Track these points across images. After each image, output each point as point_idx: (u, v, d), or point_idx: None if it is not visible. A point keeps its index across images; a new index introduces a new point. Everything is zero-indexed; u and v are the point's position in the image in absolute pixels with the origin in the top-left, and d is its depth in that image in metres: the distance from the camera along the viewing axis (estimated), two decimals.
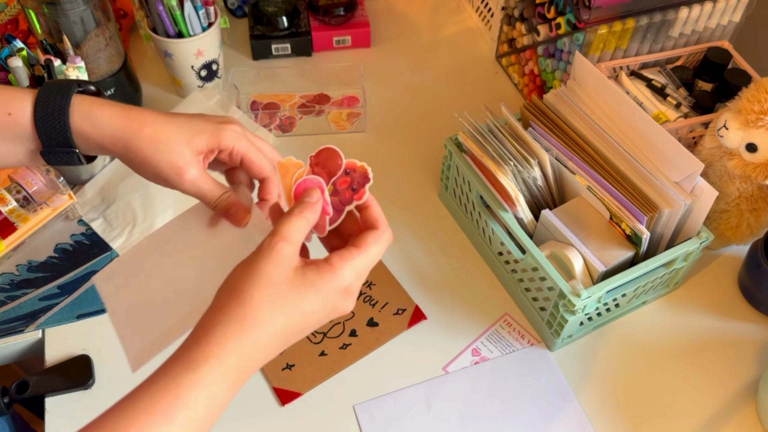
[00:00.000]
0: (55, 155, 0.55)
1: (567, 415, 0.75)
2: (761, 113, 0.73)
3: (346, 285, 0.48)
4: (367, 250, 0.49)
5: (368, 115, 1.04)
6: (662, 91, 0.88)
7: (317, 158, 0.54)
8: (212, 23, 0.99)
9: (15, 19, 1.10)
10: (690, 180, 0.73)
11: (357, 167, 0.53)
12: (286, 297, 0.46)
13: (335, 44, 1.14)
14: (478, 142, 0.80)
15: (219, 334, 0.44)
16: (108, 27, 0.95)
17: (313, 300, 0.47)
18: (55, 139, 0.54)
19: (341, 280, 0.47)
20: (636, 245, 0.75)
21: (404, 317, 0.82)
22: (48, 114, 0.53)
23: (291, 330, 0.47)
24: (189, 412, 0.43)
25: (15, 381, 0.75)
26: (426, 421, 0.75)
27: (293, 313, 0.46)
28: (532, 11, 0.98)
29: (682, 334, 0.82)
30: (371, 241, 0.50)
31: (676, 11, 0.89)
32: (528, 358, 0.80)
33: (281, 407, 0.75)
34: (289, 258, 0.47)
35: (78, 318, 0.81)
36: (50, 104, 0.53)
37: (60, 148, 0.54)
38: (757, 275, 0.81)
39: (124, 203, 0.89)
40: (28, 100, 0.53)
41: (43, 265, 0.86)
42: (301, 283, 0.46)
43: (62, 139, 0.54)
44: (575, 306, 0.72)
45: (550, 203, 0.82)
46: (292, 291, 0.46)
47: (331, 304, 0.48)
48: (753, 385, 0.78)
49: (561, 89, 0.84)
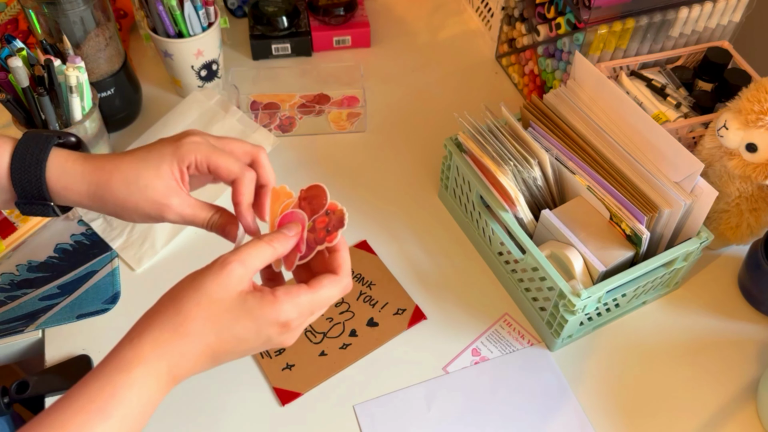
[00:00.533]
0: (30, 207, 0.55)
1: (567, 414, 0.75)
2: (761, 113, 0.73)
3: (284, 320, 0.49)
4: (318, 291, 0.50)
5: (368, 115, 1.04)
6: (662, 91, 0.88)
7: (306, 192, 0.55)
8: (212, 23, 0.99)
9: (15, 19, 1.10)
10: (690, 180, 0.73)
11: (336, 209, 0.54)
12: (221, 317, 0.47)
13: (335, 44, 1.14)
14: (478, 142, 0.80)
15: (152, 338, 0.46)
16: (108, 27, 0.95)
17: (248, 326, 0.48)
18: (30, 192, 0.54)
19: (279, 314, 0.48)
20: (636, 245, 0.75)
21: (404, 317, 0.82)
22: (24, 167, 0.53)
23: (220, 349, 0.48)
24: (124, 409, 0.45)
25: (15, 381, 0.75)
26: (426, 421, 0.75)
27: (225, 334, 0.47)
28: (532, 11, 0.98)
29: (682, 334, 0.82)
30: (325, 284, 0.51)
31: (676, 11, 0.89)
32: (528, 358, 0.80)
33: (281, 407, 0.75)
34: (237, 279, 0.48)
35: (78, 318, 0.81)
36: (27, 157, 0.53)
37: (35, 200, 0.55)
38: (757, 275, 0.81)
39: None
40: (6, 150, 0.54)
41: (43, 265, 0.86)
42: (239, 308, 0.48)
43: (37, 193, 0.54)
44: (575, 306, 0.72)
45: (550, 203, 0.82)
46: (227, 313, 0.47)
47: (265, 335, 0.49)
48: (753, 385, 0.78)
49: (561, 89, 0.84)
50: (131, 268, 0.86)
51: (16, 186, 0.54)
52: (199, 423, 0.74)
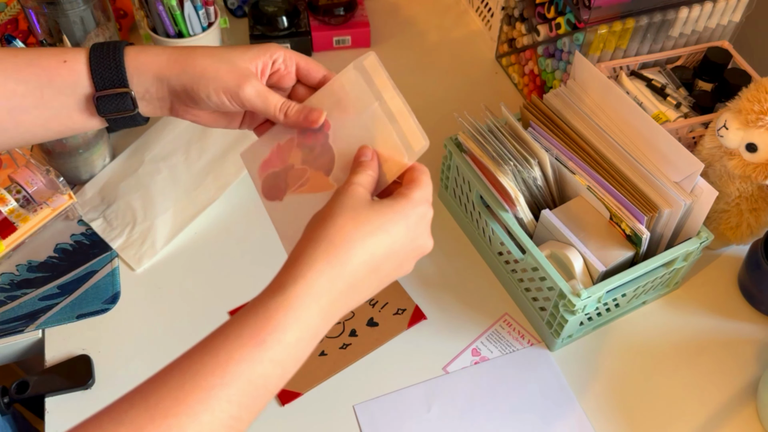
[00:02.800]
0: (109, 101, 0.55)
1: (567, 414, 0.75)
2: (761, 113, 0.73)
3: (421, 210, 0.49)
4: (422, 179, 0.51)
5: None
6: (662, 91, 0.88)
7: None
8: (212, 23, 0.99)
9: (15, 19, 1.10)
10: (690, 180, 0.73)
11: None
12: (369, 218, 0.46)
13: (335, 44, 1.14)
14: (478, 142, 0.80)
15: (307, 256, 0.44)
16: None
17: (395, 221, 0.47)
18: (110, 78, 0.54)
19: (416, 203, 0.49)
20: (636, 245, 0.75)
21: (404, 317, 0.82)
22: (103, 55, 0.54)
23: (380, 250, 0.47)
24: (278, 334, 0.42)
25: (15, 381, 0.75)
26: (426, 421, 0.75)
27: (378, 231, 0.46)
28: (532, 11, 0.98)
29: (682, 334, 0.82)
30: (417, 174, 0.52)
31: (676, 11, 0.89)
32: (528, 358, 0.80)
33: (281, 407, 0.75)
34: (363, 194, 0.48)
35: (78, 318, 0.81)
36: (105, 48, 0.54)
37: (114, 89, 0.54)
38: (757, 275, 0.81)
39: (124, 203, 0.90)
40: (83, 50, 0.55)
41: (43, 265, 0.86)
42: (381, 206, 0.48)
43: (116, 78, 0.54)
44: (575, 306, 0.72)
45: (550, 203, 0.82)
46: (373, 213, 0.47)
47: (412, 231, 0.48)
48: (753, 385, 0.78)
49: (561, 89, 0.84)
50: (131, 268, 0.86)
51: (95, 74, 0.54)
52: None
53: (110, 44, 0.54)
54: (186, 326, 0.81)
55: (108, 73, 0.54)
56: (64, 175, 0.88)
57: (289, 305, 0.42)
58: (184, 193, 0.91)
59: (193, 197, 0.90)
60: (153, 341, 0.80)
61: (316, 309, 0.44)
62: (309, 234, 0.46)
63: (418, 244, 0.50)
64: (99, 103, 0.55)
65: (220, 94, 0.54)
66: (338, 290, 0.45)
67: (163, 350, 0.79)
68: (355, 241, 0.45)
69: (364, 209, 0.47)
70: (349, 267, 0.45)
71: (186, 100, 0.55)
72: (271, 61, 0.55)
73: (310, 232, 0.47)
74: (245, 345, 0.41)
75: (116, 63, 0.54)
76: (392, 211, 0.48)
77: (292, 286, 0.43)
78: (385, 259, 0.47)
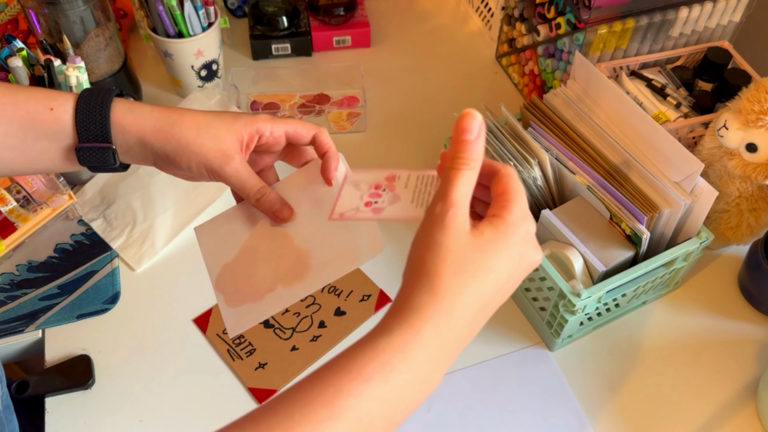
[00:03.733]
0: (91, 152, 0.55)
1: (567, 414, 0.75)
2: (761, 113, 0.73)
3: (523, 231, 0.45)
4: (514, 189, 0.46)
5: (368, 115, 1.04)
6: (662, 91, 0.88)
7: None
8: (212, 23, 0.99)
9: (15, 19, 1.10)
10: (690, 180, 0.73)
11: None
12: (469, 259, 0.44)
13: (335, 44, 1.14)
14: None
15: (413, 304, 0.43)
16: (108, 27, 0.95)
17: (498, 254, 0.44)
18: (93, 132, 0.54)
19: (516, 227, 0.45)
20: (636, 245, 0.75)
21: (370, 302, 0.83)
22: (90, 108, 0.54)
23: (486, 290, 0.44)
24: (384, 374, 0.41)
25: (15, 381, 0.75)
26: (426, 421, 0.75)
27: (480, 273, 0.44)
28: (532, 11, 0.98)
29: (682, 334, 0.82)
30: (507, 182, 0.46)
31: (676, 11, 0.89)
32: (528, 358, 0.80)
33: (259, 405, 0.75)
34: (462, 223, 0.44)
35: (78, 318, 0.81)
36: (93, 100, 0.54)
37: (97, 143, 0.54)
38: (757, 275, 0.81)
39: (124, 203, 0.90)
40: (71, 98, 0.55)
41: (43, 265, 0.86)
42: (481, 242, 0.44)
43: (100, 133, 0.54)
44: (575, 306, 0.72)
45: (550, 203, 0.82)
46: (474, 252, 0.44)
47: (517, 255, 0.45)
48: (753, 385, 0.78)
49: (561, 89, 0.84)
50: (131, 268, 0.86)
51: (80, 126, 0.54)
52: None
53: (99, 96, 0.54)
54: (186, 326, 0.81)
55: (92, 127, 0.54)
56: (64, 175, 0.88)
57: (396, 347, 0.42)
58: (184, 193, 0.91)
59: (193, 197, 0.90)
60: (153, 341, 0.80)
61: (424, 354, 0.43)
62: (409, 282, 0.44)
63: (525, 264, 0.47)
64: (80, 153, 0.55)
65: (202, 169, 0.55)
66: (446, 337, 0.44)
67: (163, 350, 0.80)
68: (459, 288, 0.43)
69: (463, 250, 0.44)
70: (456, 315, 0.44)
71: (168, 163, 0.56)
72: (257, 135, 0.56)
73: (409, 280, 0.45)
74: (353, 380, 0.41)
75: (101, 119, 0.54)
76: (493, 244, 0.44)
77: (398, 330, 0.42)
78: (492, 296, 0.45)
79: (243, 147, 0.55)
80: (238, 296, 0.56)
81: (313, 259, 0.55)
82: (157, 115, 0.54)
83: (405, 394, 0.42)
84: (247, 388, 0.77)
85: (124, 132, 0.54)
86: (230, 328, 0.55)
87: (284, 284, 0.55)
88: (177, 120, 0.54)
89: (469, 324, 0.44)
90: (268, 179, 0.60)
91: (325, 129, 0.58)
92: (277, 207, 0.56)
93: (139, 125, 0.54)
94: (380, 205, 0.53)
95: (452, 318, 0.43)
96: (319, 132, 0.57)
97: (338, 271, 0.55)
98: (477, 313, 0.45)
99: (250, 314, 0.55)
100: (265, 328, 0.81)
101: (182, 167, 0.55)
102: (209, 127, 0.54)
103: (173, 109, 0.55)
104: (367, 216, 0.53)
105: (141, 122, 0.54)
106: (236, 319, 0.55)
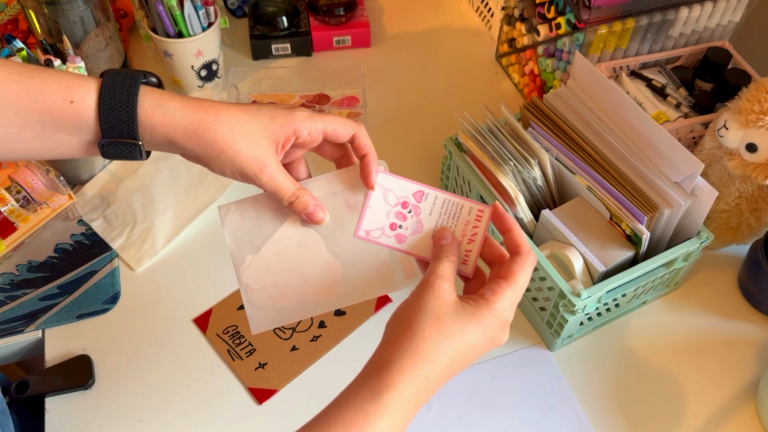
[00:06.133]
0: (116, 148, 0.51)
1: (567, 415, 0.75)
2: (761, 113, 0.73)
3: (502, 317, 0.50)
4: (517, 279, 0.51)
5: (368, 115, 1.04)
6: (662, 91, 0.88)
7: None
8: (212, 23, 0.99)
9: (15, 19, 1.10)
10: (690, 180, 0.72)
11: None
12: (453, 329, 0.48)
13: (335, 44, 1.14)
14: (478, 142, 0.80)
15: (397, 366, 0.47)
16: (108, 27, 0.95)
17: (476, 331, 0.49)
18: (119, 129, 0.50)
19: (497, 313, 0.49)
20: (636, 245, 0.75)
21: (370, 302, 0.83)
22: (114, 102, 0.50)
23: (458, 360, 0.49)
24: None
25: (15, 381, 0.75)
26: (426, 421, 0.75)
27: (459, 344, 0.48)
28: (532, 11, 0.98)
29: (682, 334, 0.82)
30: (517, 270, 0.51)
31: (676, 11, 0.89)
32: (528, 358, 0.80)
33: (259, 406, 0.75)
34: (448, 293, 0.49)
35: (78, 318, 0.81)
36: (117, 92, 0.50)
37: (122, 140, 0.51)
38: (757, 275, 0.81)
39: (124, 203, 0.90)
40: (92, 88, 0.50)
41: (43, 265, 0.86)
42: (464, 316, 0.48)
43: (126, 130, 0.51)
44: (575, 306, 0.72)
45: (550, 203, 0.82)
46: (456, 323, 0.48)
47: (490, 337, 0.50)
48: (753, 385, 0.78)
49: (561, 89, 0.84)
50: (131, 268, 0.86)
51: (104, 123, 0.50)
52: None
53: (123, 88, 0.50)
54: (186, 326, 0.81)
55: (118, 124, 0.50)
56: (64, 175, 0.88)
57: (384, 412, 0.46)
58: (184, 193, 0.91)
59: (193, 197, 0.90)
60: (153, 341, 0.80)
61: (404, 414, 0.47)
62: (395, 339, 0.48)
63: (493, 345, 0.51)
64: (104, 148, 0.52)
65: (236, 175, 0.53)
66: (421, 394, 0.48)
67: (163, 350, 0.80)
68: (439, 351, 0.48)
69: (447, 318, 0.48)
70: (433, 375, 0.48)
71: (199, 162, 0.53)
72: (294, 137, 0.53)
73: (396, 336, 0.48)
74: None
75: (128, 116, 0.50)
76: (473, 321, 0.49)
77: (386, 394, 0.46)
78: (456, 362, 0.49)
79: (279, 149, 0.53)
80: (264, 295, 0.55)
81: (344, 273, 0.54)
82: (189, 116, 0.51)
83: None
84: (247, 388, 0.77)
85: (153, 132, 0.51)
86: (254, 325, 0.55)
87: (313, 293, 0.55)
88: (212, 122, 0.51)
89: (440, 377, 0.49)
90: (299, 172, 0.58)
91: (363, 127, 0.55)
92: (311, 209, 0.54)
93: (169, 126, 0.51)
94: (404, 232, 0.55)
95: (429, 380, 0.48)
96: (359, 132, 0.55)
97: (369, 294, 0.55)
98: (448, 374, 0.49)
99: (276, 316, 0.55)
100: None
101: (215, 170, 0.53)
102: (245, 132, 0.51)
103: (205, 106, 0.52)
104: (391, 244, 0.54)
105: (172, 122, 0.51)
106: (260, 318, 0.55)
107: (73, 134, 0.51)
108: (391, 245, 0.54)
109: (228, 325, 0.81)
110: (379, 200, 0.55)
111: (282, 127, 0.53)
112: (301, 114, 0.53)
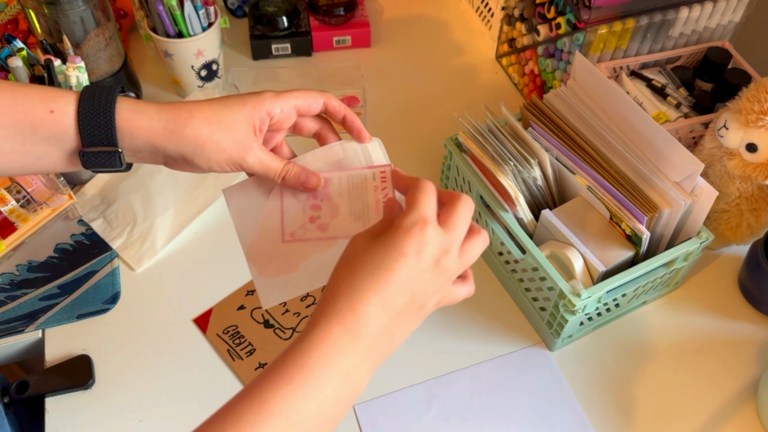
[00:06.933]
0: (96, 157, 0.53)
1: (567, 414, 0.75)
2: (761, 113, 0.73)
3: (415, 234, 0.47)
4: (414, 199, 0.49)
5: (368, 115, 1.04)
6: (662, 91, 0.88)
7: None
8: (212, 23, 0.99)
9: (15, 19, 1.10)
10: (690, 180, 0.73)
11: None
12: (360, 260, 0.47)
13: (335, 44, 1.14)
14: (478, 142, 0.80)
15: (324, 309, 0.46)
16: (108, 27, 0.95)
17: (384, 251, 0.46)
18: (98, 136, 0.52)
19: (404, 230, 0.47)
20: (636, 245, 0.75)
21: None
22: (93, 110, 0.51)
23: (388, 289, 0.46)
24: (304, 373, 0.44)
25: (15, 381, 0.75)
26: (426, 420, 0.75)
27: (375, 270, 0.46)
28: (532, 11, 0.98)
29: (682, 334, 0.82)
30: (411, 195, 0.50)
31: (676, 11, 0.89)
32: (528, 358, 0.80)
33: None
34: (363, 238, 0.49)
35: (78, 318, 0.81)
36: (96, 101, 0.51)
37: (102, 147, 0.52)
38: (757, 275, 0.81)
39: (124, 203, 0.90)
40: (72, 98, 0.52)
41: (43, 265, 0.86)
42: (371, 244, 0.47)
43: (105, 137, 0.52)
44: (575, 306, 0.72)
45: (550, 203, 0.82)
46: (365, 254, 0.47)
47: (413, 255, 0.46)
48: (753, 385, 0.78)
49: (561, 89, 0.84)
50: (131, 268, 0.86)
51: (84, 131, 0.51)
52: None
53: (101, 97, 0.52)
54: (186, 326, 0.81)
55: (97, 131, 0.52)
56: (64, 175, 0.88)
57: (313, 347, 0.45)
58: (184, 193, 0.91)
59: (193, 197, 0.90)
60: (153, 341, 0.80)
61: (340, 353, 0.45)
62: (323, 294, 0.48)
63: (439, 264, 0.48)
64: (85, 157, 0.53)
65: (223, 164, 0.54)
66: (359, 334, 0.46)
67: (163, 350, 0.80)
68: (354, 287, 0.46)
69: (356, 254, 0.47)
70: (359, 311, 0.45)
71: (183, 163, 0.54)
72: (268, 118, 0.55)
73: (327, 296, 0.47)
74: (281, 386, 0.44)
75: (106, 122, 0.51)
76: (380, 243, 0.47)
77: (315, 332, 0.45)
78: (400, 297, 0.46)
79: (257, 132, 0.54)
80: (272, 267, 0.55)
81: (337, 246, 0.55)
82: (165, 116, 0.52)
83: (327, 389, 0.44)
84: None
85: (132, 137, 0.52)
86: (264, 300, 0.55)
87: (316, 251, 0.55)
88: (187, 118, 0.52)
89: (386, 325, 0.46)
90: (284, 155, 0.59)
91: (331, 94, 0.57)
92: (303, 177, 0.56)
93: (147, 129, 0.52)
94: (324, 221, 0.56)
95: (357, 314, 0.45)
96: (328, 99, 0.56)
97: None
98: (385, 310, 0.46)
99: (285, 286, 0.55)
100: (265, 328, 0.81)
101: (202, 167, 0.54)
102: (221, 120, 0.53)
103: (179, 106, 0.53)
104: (317, 235, 0.55)
105: (150, 125, 0.52)
106: (270, 291, 0.55)
107: (53, 145, 0.52)
108: (319, 236, 0.55)
109: (228, 325, 0.81)
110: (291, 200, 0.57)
111: (254, 110, 0.54)
112: (269, 94, 0.55)
